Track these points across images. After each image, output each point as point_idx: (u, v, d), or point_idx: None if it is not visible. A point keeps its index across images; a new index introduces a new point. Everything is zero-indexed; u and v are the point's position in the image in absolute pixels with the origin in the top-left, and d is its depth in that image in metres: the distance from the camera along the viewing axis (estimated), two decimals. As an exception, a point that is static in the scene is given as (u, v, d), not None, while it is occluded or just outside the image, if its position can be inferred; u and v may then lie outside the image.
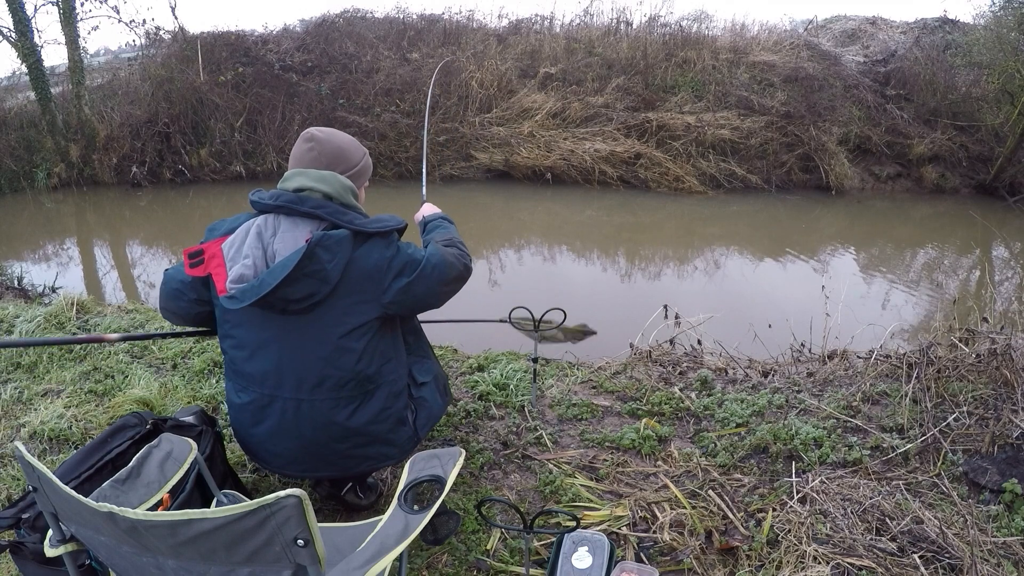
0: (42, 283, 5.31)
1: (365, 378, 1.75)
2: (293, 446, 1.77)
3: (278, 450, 1.80)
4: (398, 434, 1.86)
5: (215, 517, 0.90)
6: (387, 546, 1.16)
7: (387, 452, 1.86)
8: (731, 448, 2.36)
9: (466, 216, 8.38)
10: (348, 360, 1.71)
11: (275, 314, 1.68)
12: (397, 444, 1.87)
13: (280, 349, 1.70)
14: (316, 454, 1.78)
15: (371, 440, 1.81)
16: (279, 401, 1.73)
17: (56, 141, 9.65)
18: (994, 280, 6.33)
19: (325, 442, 1.76)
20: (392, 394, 1.82)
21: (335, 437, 1.76)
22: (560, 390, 2.86)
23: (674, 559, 1.87)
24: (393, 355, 1.84)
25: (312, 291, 1.64)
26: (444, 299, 1.89)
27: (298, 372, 1.71)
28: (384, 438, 1.83)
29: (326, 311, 1.68)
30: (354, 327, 1.71)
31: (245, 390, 1.77)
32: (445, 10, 13.10)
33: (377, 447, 1.83)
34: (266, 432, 1.78)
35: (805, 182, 9.40)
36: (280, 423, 1.75)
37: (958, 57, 10.08)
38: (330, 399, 1.73)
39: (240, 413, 1.81)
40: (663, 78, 10.14)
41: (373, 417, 1.78)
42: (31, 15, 9.40)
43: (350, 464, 1.83)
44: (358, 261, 1.69)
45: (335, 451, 1.79)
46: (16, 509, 1.47)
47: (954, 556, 1.74)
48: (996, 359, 2.47)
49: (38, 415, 2.59)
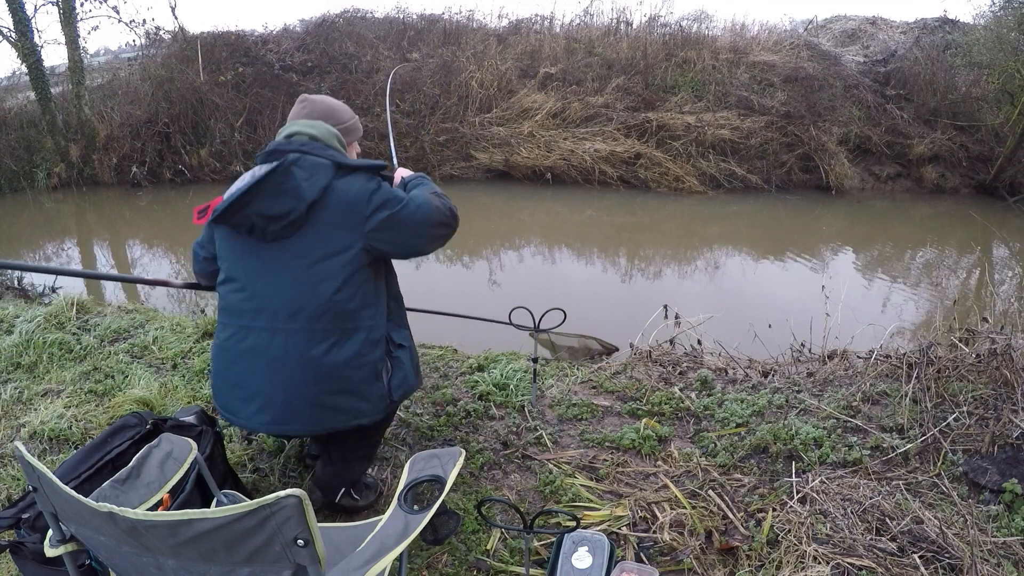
0: (42, 283, 5.31)
1: (343, 313, 1.72)
2: (264, 388, 1.72)
3: (248, 393, 1.74)
4: (372, 389, 1.79)
5: (215, 517, 0.90)
6: (387, 546, 1.16)
7: (359, 407, 1.78)
8: (731, 448, 2.36)
9: (466, 216, 8.33)
10: (326, 288, 1.69)
11: (258, 243, 1.71)
12: (370, 400, 1.79)
13: (261, 278, 1.72)
14: (287, 400, 1.71)
15: (344, 388, 1.74)
16: (254, 332, 1.71)
17: (56, 141, 9.65)
18: (994, 280, 6.33)
19: (297, 382, 1.70)
20: (370, 341, 1.78)
21: (308, 376, 1.70)
22: (560, 390, 2.86)
23: (674, 559, 1.87)
24: (375, 302, 1.80)
25: (288, 208, 1.65)
26: (431, 243, 1.86)
27: (275, 301, 1.70)
28: (357, 389, 1.77)
29: (306, 236, 1.69)
30: (333, 252, 1.70)
31: (225, 326, 1.77)
32: (445, 10, 13.13)
33: (349, 399, 1.76)
34: (239, 373, 1.74)
35: (805, 182, 9.40)
36: (253, 358, 1.71)
37: (958, 57, 10.08)
38: (306, 331, 1.69)
39: (218, 356, 1.79)
40: (663, 78, 10.14)
41: (349, 360, 1.73)
42: (31, 15, 9.42)
43: (320, 417, 1.75)
44: (339, 190, 1.71)
45: (306, 396, 1.71)
46: (16, 509, 1.47)
47: (954, 556, 1.74)
48: (996, 359, 2.47)
49: (38, 415, 2.59)
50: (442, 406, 2.71)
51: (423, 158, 9.60)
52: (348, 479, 2.05)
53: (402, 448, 2.45)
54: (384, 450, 2.43)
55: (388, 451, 2.43)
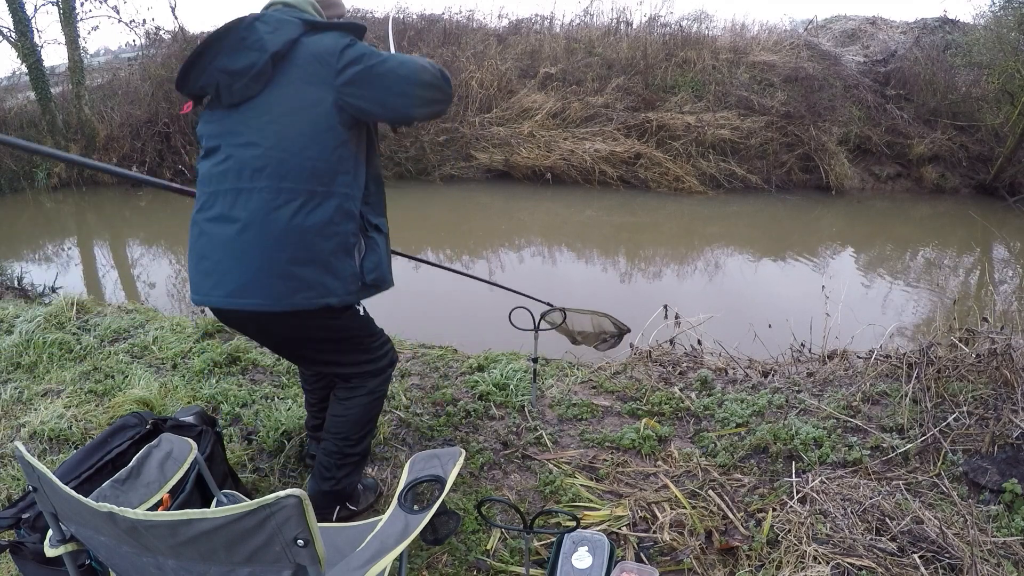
0: (42, 283, 5.31)
1: (314, 173, 1.59)
2: (224, 257, 1.61)
3: (209, 265, 1.63)
4: (342, 264, 1.66)
5: (215, 517, 0.90)
6: (387, 546, 1.16)
7: (327, 284, 1.64)
8: (731, 448, 2.36)
9: (466, 216, 8.38)
10: (293, 143, 1.58)
11: (229, 110, 1.62)
12: (340, 277, 1.66)
13: (229, 140, 1.62)
14: (247, 269, 1.59)
15: (311, 258, 1.61)
16: (220, 196, 1.61)
17: (56, 141, 9.65)
18: (994, 280, 6.33)
19: (260, 246, 1.58)
20: (343, 211, 1.64)
21: (271, 239, 1.58)
22: (560, 390, 2.86)
23: (674, 559, 1.87)
24: (351, 170, 1.67)
25: (250, 61, 1.55)
26: (418, 107, 1.67)
27: (242, 159, 1.59)
28: (326, 261, 1.63)
29: (272, 92, 1.59)
30: (302, 107, 1.59)
31: (197, 199, 1.69)
32: (445, 10, 13.13)
33: (317, 271, 1.62)
34: (204, 245, 1.64)
35: (805, 182, 9.40)
36: (217, 224, 1.61)
37: (958, 57, 10.09)
38: (271, 189, 1.57)
39: (190, 232, 1.70)
40: (663, 78, 10.14)
41: (318, 226, 1.60)
42: (31, 15, 9.42)
43: (284, 289, 1.60)
44: (308, 44, 1.60)
45: (271, 265, 1.59)
46: (16, 509, 1.47)
47: (954, 556, 1.74)
48: (996, 359, 2.47)
49: (38, 415, 2.59)
50: (442, 406, 2.71)
51: (423, 158, 9.61)
52: (340, 490, 1.98)
53: (402, 448, 2.45)
54: (384, 450, 2.43)
55: (388, 451, 2.43)
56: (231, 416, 2.64)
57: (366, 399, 1.90)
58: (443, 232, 7.69)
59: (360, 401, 1.90)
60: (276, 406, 2.65)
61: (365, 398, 1.90)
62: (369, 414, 1.93)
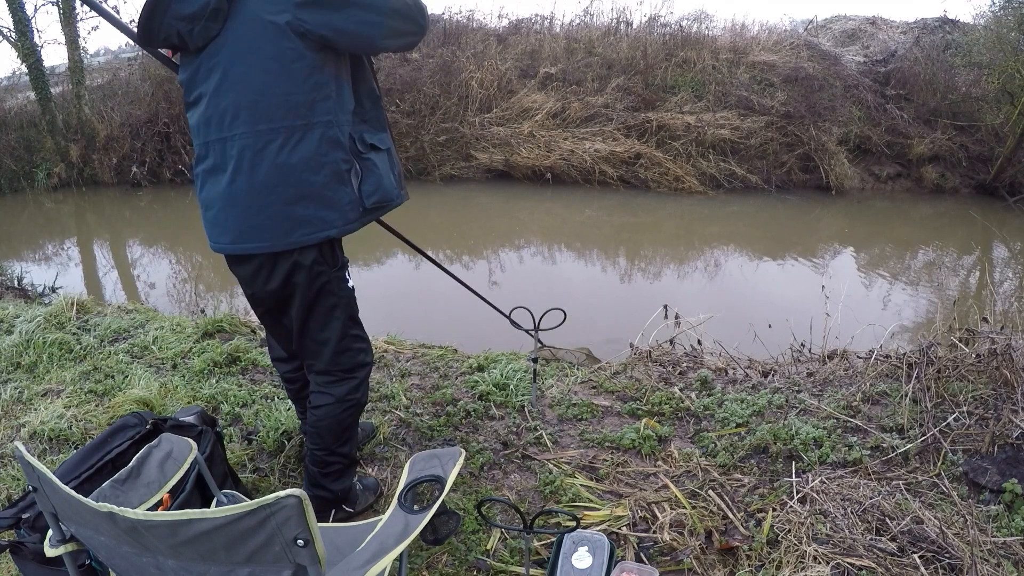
0: (42, 283, 5.32)
1: (290, 108, 1.54)
2: (223, 204, 1.62)
3: (213, 215, 1.64)
4: (338, 194, 1.63)
5: (215, 517, 0.90)
6: (387, 546, 1.16)
7: (324, 216, 1.62)
8: (731, 448, 2.36)
9: (466, 216, 8.38)
10: (261, 81, 1.52)
11: (197, 56, 1.57)
12: (336, 208, 1.63)
13: (205, 90, 1.58)
14: (244, 214, 1.60)
15: (303, 194, 1.59)
16: (211, 147, 1.60)
17: (56, 141, 9.65)
18: (994, 280, 6.33)
19: (253, 191, 1.58)
20: (329, 140, 1.59)
21: (260, 181, 1.57)
22: (560, 390, 2.86)
23: (674, 559, 1.87)
24: (332, 94, 1.59)
25: (203, 2, 1.47)
26: (385, 37, 1.57)
27: (217, 107, 1.56)
28: (319, 194, 1.60)
29: (231, 30, 1.51)
30: (264, 39, 1.50)
31: (196, 150, 1.67)
32: (445, 10, 13.13)
33: (312, 206, 1.61)
34: (207, 196, 1.65)
35: (805, 182, 9.40)
36: (212, 174, 1.61)
37: (958, 57, 10.08)
38: (250, 133, 1.55)
39: (195, 184, 1.70)
40: (663, 78, 10.14)
41: (305, 160, 1.57)
42: (31, 15, 9.41)
43: (282, 228, 1.60)
44: None
45: (264, 206, 1.59)
46: (16, 509, 1.47)
47: (954, 556, 1.74)
48: (996, 359, 2.47)
49: (38, 415, 2.59)
50: (442, 406, 2.71)
51: (423, 158, 9.61)
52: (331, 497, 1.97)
53: (402, 448, 2.45)
54: (384, 450, 2.43)
55: (388, 451, 2.43)
56: (231, 416, 2.65)
57: (336, 407, 1.88)
58: (443, 232, 7.69)
59: (330, 411, 1.88)
60: (276, 406, 2.65)
61: (336, 406, 1.88)
62: (343, 423, 1.91)
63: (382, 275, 6.35)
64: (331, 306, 1.80)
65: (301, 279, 1.71)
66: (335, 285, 1.77)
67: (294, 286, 1.72)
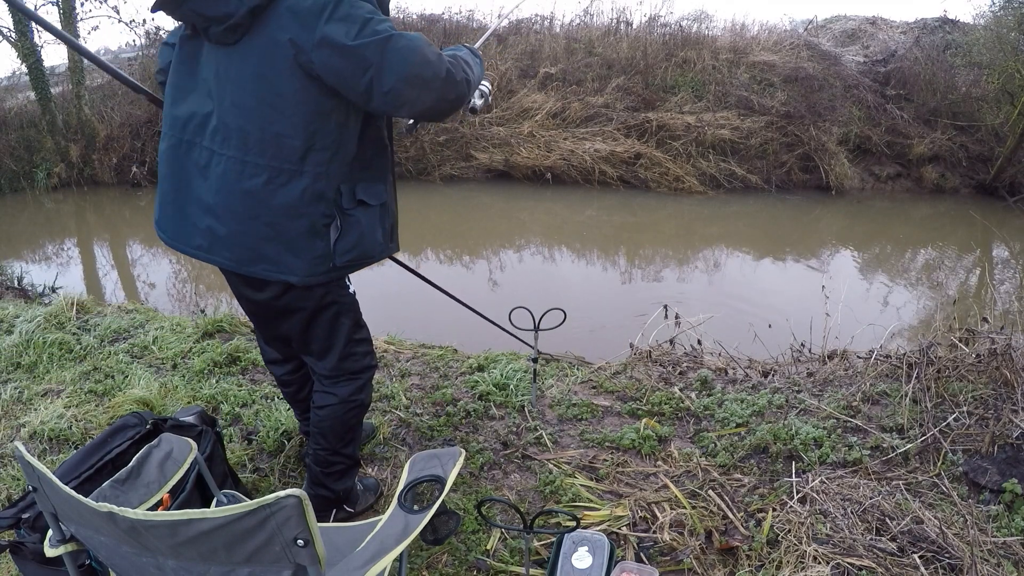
0: (42, 283, 5.31)
1: (280, 149, 1.46)
2: (196, 207, 1.55)
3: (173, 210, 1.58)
4: (308, 245, 1.55)
5: (215, 517, 0.90)
6: (387, 546, 1.16)
7: (288, 262, 1.55)
8: (731, 448, 2.36)
9: (466, 216, 8.38)
10: (258, 115, 1.44)
11: (201, 45, 1.50)
12: (303, 257, 1.55)
13: (203, 90, 1.51)
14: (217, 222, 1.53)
15: (275, 235, 1.52)
16: (196, 148, 1.52)
17: (56, 141, 9.65)
18: (994, 280, 6.33)
19: (229, 210, 1.51)
20: (312, 193, 1.51)
21: (239, 208, 1.51)
22: (560, 390, 2.86)
23: (674, 559, 1.87)
24: (330, 145, 1.50)
25: (227, 11, 1.38)
26: (407, 96, 1.43)
27: (214, 119, 1.49)
28: (291, 241, 1.53)
29: (247, 46, 1.43)
30: (274, 73, 1.42)
31: (166, 137, 1.58)
32: (445, 10, 13.09)
33: (279, 248, 1.53)
34: (171, 187, 1.58)
35: (805, 182, 9.40)
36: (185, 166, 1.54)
37: (958, 57, 10.08)
38: (237, 160, 1.47)
39: (159, 166, 1.62)
40: (663, 78, 10.14)
41: (284, 207, 1.50)
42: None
43: (245, 251, 1.54)
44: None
45: (237, 232, 1.53)
46: (16, 509, 1.47)
47: (954, 556, 1.74)
48: (996, 359, 2.47)
49: (38, 415, 2.59)
50: (442, 406, 2.71)
51: (423, 158, 9.60)
52: (332, 496, 1.97)
53: (402, 448, 2.45)
54: (384, 450, 2.43)
55: (388, 451, 2.43)
56: (231, 416, 2.65)
57: (340, 408, 1.86)
58: (443, 232, 7.69)
59: (334, 411, 1.86)
60: (276, 406, 2.65)
61: (339, 407, 1.86)
62: (347, 423, 1.89)
63: (382, 275, 6.35)
64: (334, 315, 1.77)
65: (296, 294, 1.66)
66: (336, 294, 1.74)
67: (289, 300, 1.68)
